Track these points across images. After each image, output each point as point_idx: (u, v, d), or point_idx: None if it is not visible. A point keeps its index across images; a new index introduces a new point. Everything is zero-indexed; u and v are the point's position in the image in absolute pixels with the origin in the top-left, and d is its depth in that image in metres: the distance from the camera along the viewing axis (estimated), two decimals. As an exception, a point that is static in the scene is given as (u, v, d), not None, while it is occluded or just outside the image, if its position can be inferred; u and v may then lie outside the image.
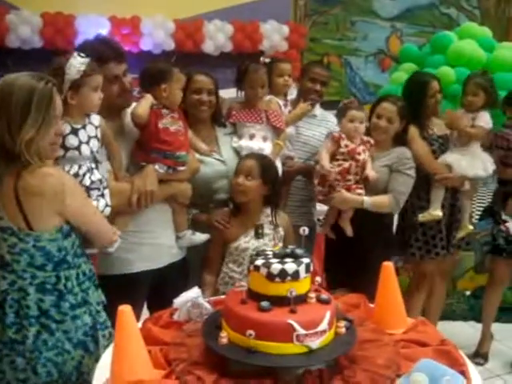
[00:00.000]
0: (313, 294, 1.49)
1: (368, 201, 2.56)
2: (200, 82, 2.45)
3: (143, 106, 2.13)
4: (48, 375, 1.67)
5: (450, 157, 2.91)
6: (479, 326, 3.41)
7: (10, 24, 4.25)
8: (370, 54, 5.99)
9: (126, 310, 1.44)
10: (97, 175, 1.92)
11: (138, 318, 1.91)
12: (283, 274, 1.44)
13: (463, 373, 1.43)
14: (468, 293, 3.93)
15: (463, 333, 3.57)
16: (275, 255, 1.52)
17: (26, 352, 1.65)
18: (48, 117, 1.61)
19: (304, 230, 1.53)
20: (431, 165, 2.87)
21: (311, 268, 1.50)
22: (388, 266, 1.78)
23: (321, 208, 3.16)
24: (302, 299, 1.46)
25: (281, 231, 2.37)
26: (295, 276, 1.45)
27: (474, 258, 3.92)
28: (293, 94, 3.08)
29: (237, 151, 2.55)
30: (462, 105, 2.99)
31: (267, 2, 5.33)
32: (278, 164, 2.58)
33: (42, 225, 1.64)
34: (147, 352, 1.49)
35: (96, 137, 1.92)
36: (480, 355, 3.28)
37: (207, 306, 1.75)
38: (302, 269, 1.46)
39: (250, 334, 1.39)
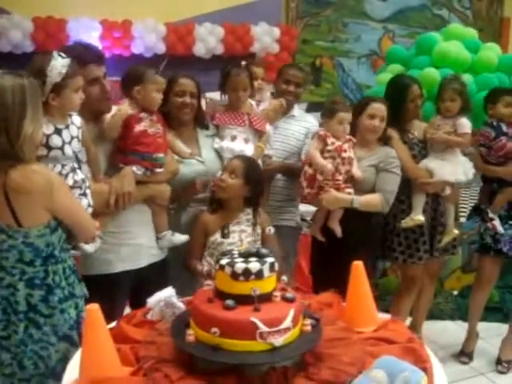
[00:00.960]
0: (278, 293, 1.51)
1: (358, 200, 2.57)
2: (183, 85, 2.50)
3: (111, 121, 2.17)
4: (35, 368, 1.71)
5: (432, 162, 2.90)
6: (466, 325, 3.42)
7: (1, 28, 4.28)
8: (363, 56, 6.00)
9: (93, 308, 1.46)
10: (80, 175, 1.96)
11: (119, 317, 1.93)
12: (247, 273, 1.47)
13: (425, 369, 1.45)
14: (455, 292, 3.96)
15: (450, 332, 3.60)
16: (240, 254, 1.55)
17: (12, 347, 1.68)
18: (40, 110, 1.67)
19: (270, 230, 1.56)
20: (412, 170, 2.87)
21: (276, 267, 1.52)
22: (358, 265, 1.79)
23: (306, 209, 3.19)
24: (266, 298, 1.49)
25: (258, 230, 2.40)
26: (259, 275, 1.47)
27: (461, 257, 3.94)
28: (265, 95, 3.11)
29: (217, 152, 2.60)
30: (438, 110, 2.97)
31: (258, 5, 5.34)
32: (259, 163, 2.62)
33: (31, 221, 1.68)
34: (116, 350, 1.52)
35: (77, 137, 1.95)
36: (465, 354, 3.31)
37: (180, 305, 1.78)
38: (265, 268, 1.49)
39: (215, 332, 1.42)
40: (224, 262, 1.50)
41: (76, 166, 1.96)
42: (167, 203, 2.35)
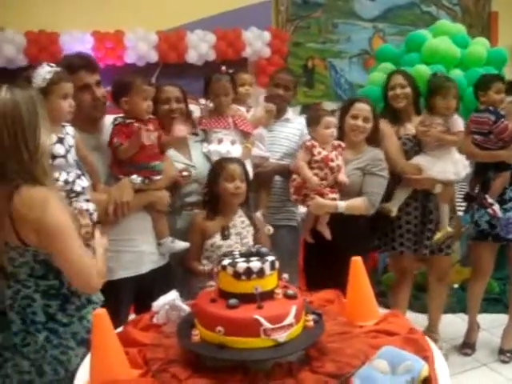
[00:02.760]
0: (279, 290, 1.55)
1: (342, 205, 2.62)
2: (167, 92, 2.55)
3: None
4: (55, 373, 1.71)
5: (422, 159, 2.91)
6: (467, 317, 3.45)
7: (-5, 44, 4.33)
8: (354, 56, 6.05)
9: (101, 313, 1.49)
10: (85, 182, 1.99)
11: (124, 322, 1.96)
12: (248, 272, 1.50)
13: (426, 358, 1.49)
14: (456, 286, 3.99)
15: (452, 325, 3.63)
16: (241, 255, 1.58)
17: (31, 354, 1.69)
18: (47, 120, 1.66)
19: (269, 230, 1.59)
20: (400, 164, 2.89)
21: (276, 265, 1.56)
22: (357, 261, 1.83)
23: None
24: (268, 295, 1.52)
25: (252, 231, 2.45)
26: (260, 273, 1.51)
27: (459, 251, 3.97)
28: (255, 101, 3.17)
29: (206, 156, 2.65)
30: (429, 108, 2.96)
31: (248, 10, 5.39)
32: (249, 167, 2.66)
33: (36, 243, 1.63)
34: (124, 353, 1.55)
35: (73, 147, 1.98)
36: (467, 345, 3.34)
37: (185, 307, 1.81)
38: (266, 266, 1.52)
39: (220, 331, 1.46)
40: (226, 262, 1.54)
41: (80, 172, 1.99)
42: (166, 209, 2.39)
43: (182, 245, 2.40)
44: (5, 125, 1.55)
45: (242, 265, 1.51)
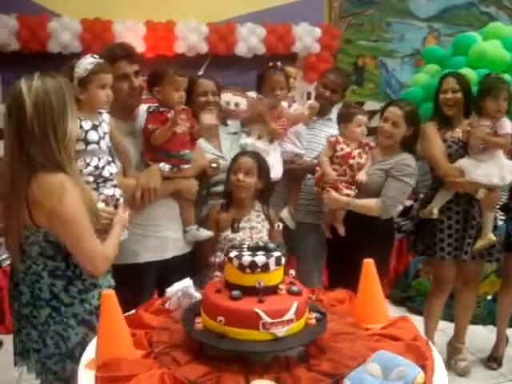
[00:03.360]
0: (283, 286, 1.58)
1: (354, 203, 2.63)
2: (204, 85, 2.64)
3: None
4: (56, 347, 1.81)
5: (465, 162, 2.83)
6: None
7: (52, 30, 4.52)
8: (406, 55, 5.94)
9: (109, 294, 1.56)
10: (114, 168, 2.08)
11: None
12: (253, 266, 1.54)
13: (424, 366, 1.48)
14: (489, 297, 3.88)
15: (480, 337, 3.53)
16: (249, 248, 1.62)
17: (39, 325, 1.81)
18: (75, 108, 1.76)
19: (278, 226, 1.62)
20: (443, 166, 2.84)
21: (282, 261, 1.59)
22: (369, 263, 1.83)
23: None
24: (271, 290, 1.55)
25: (267, 225, 2.47)
26: (265, 268, 1.54)
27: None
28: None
29: (236, 149, 2.67)
30: (478, 110, 2.86)
31: (300, 5, 5.38)
32: (279, 164, 2.68)
33: (47, 226, 1.72)
34: (131, 334, 1.62)
35: (108, 134, 2.08)
36: (494, 359, 3.25)
37: (197, 295, 1.85)
38: (271, 261, 1.55)
39: (221, 321, 1.50)
40: (232, 254, 1.58)
41: (110, 159, 2.08)
42: (194, 197, 2.45)
43: (206, 233, 2.46)
44: (36, 113, 1.64)
45: (247, 258, 1.54)
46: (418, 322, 2.86)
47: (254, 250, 1.60)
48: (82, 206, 1.71)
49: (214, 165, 2.54)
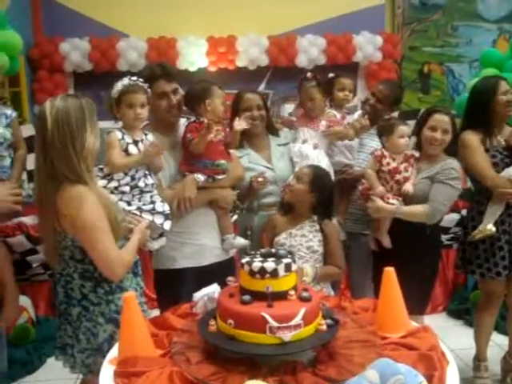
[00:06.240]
0: (293, 292, 1.61)
1: (400, 210, 2.57)
2: (250, 100, 2.70)
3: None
4: (88, 342, 1.97)
5: None
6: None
7: (120, 50, 4.83)
8: (475, 60, 5.73)
9: (130, 296, 1.67)
10: (150, 180, 2.26)
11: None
12: (263, 272, 1.59)
13: (431, 377, 1.46)
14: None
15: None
16: (261, 254, 1.68)
17: (72, 322, 1.98)
18: (97, 125, 1.91)
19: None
20: (490, 178, 2.73)
21: (292, 268, 1.63)
22: (389, 272, 1.82)
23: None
24: (281, 295, 1.59)
25: (319, 237, 2.50)
26: (274, 274, 1.59)
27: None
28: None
29: (289, 161, 2.76)
30: None
31: (360, 14, 5.38)
32: (331, 171, 2.74)
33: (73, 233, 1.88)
34: (154, 335, 1.73)
35: None
36: None
37: (222, 300, 1.94)
38: (280, 268, 1.59)
39: (231, 323, 1.57)
40: (244, 260, 1.64)
41: (147, 172, 2.25)
42: (230, 207, 2.54)
43: (241, 242, 2.54)
44: (57, 129, 1.82)
45: (257, 264, 1.60)
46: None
47: (265, 256, 1.66)
48: (101, 214, 1.85)
49: (260, 179, 2.61)
